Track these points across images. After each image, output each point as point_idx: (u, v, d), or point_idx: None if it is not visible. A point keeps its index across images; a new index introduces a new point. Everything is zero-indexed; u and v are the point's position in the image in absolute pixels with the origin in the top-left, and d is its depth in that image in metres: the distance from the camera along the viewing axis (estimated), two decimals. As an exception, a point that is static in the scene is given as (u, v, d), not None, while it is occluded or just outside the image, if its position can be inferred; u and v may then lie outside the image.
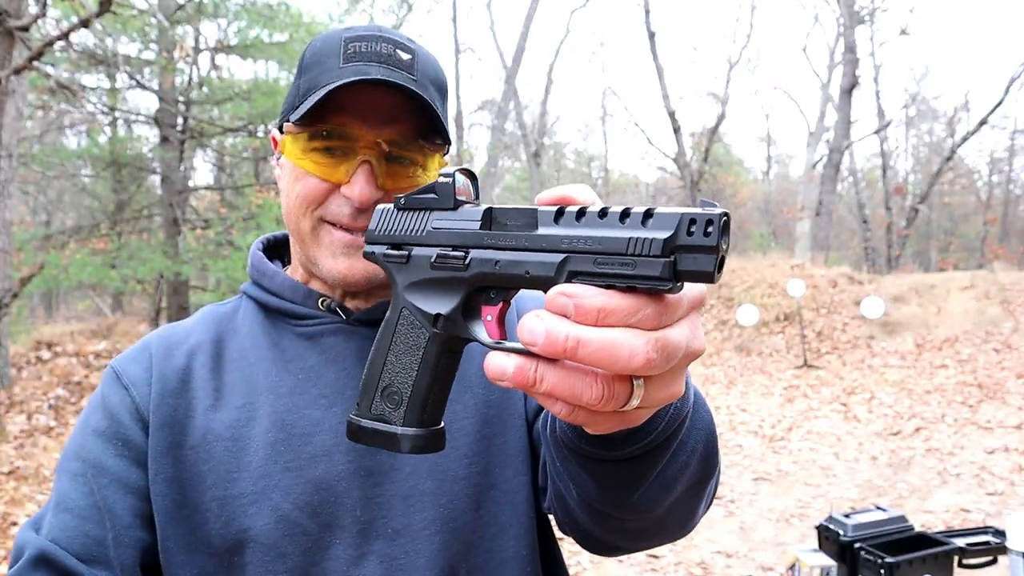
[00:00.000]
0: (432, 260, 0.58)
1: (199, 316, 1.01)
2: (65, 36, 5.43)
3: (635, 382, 0.51)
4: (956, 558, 1.87)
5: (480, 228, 0.56)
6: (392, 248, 0.61)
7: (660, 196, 29.91)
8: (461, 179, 0.60)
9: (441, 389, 0.61)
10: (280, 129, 0.97)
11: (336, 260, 0.90)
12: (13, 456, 6.44)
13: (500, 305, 0.57)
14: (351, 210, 0.88)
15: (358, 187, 0.86)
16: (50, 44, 5.45)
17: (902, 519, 1.99)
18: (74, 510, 0.85)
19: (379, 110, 0.87)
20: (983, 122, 19.74)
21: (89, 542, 0.83)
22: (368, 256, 0.64)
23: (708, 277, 0.47)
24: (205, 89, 12.95)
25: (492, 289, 0.57)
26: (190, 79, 13.08)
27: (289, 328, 0.95)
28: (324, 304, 0.95)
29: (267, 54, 12.81)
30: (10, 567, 0.86)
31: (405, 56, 0.89)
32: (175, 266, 11.42)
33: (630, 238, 0.48)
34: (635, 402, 0.52)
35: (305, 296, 0.95)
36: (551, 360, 0.50)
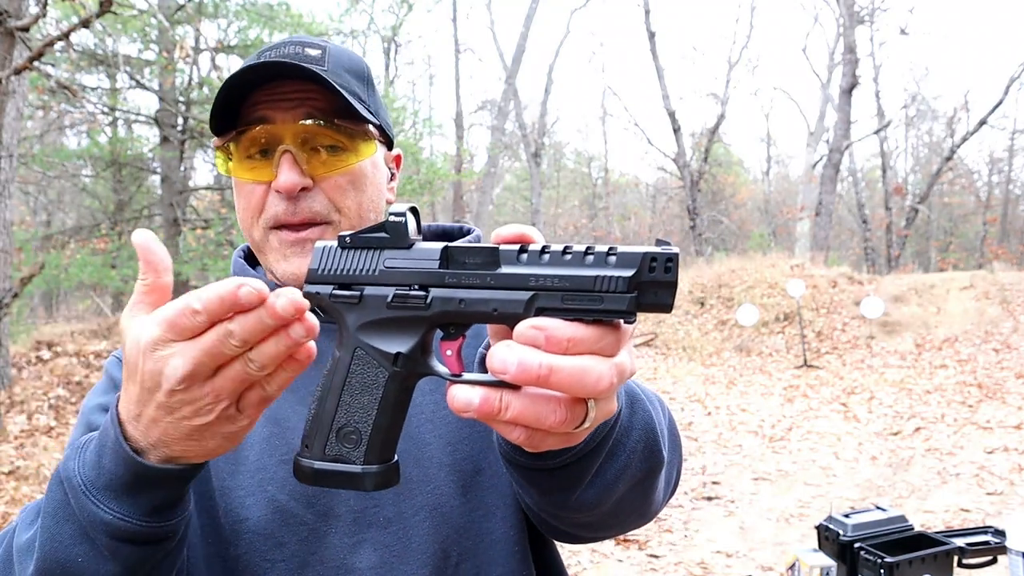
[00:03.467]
0: (389, 300, 0.58)
1: None
2: (65, 36, 5.43)
3: (589, 404, 0.55)
4: (956, 558, 1.87)
5: (439, 267, 0.56)
6: (340, 288, 0.59)
7: (660, 196, 29.91)
8: (411, 218, 0.59)
9: (399, 424, 0.61)
10: None
11: (288, 262, 0.92)
12: (13, 456, 6.45)
13: (459, 339, 0.58)
14: (285, 204, 0.90)
15: (283, 176, 0.88)
16: (50, 44, 5.45)
17: (902, 519, 1.99)
18: None
19: (289, 98, 0.90)
20: (983, 122, 19.76)
21: None
22: (310, 296, 0.61)
23: (667, 308, 0.52)
24: (205, 89, 12.95)
25: (451, 325, 0.58)
26: (190, 79, 13.09)
27: None
28: None
29: (267, 54, 12.79)
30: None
31: (314, 52, 0.92)
32: (175, 266, 11.38)
33: (597, 276, 0.51)
34: (588, 422, 0.56)
35: None
36: (514, 389, 0.54)
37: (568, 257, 0.53)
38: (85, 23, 5.41)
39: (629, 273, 0.51)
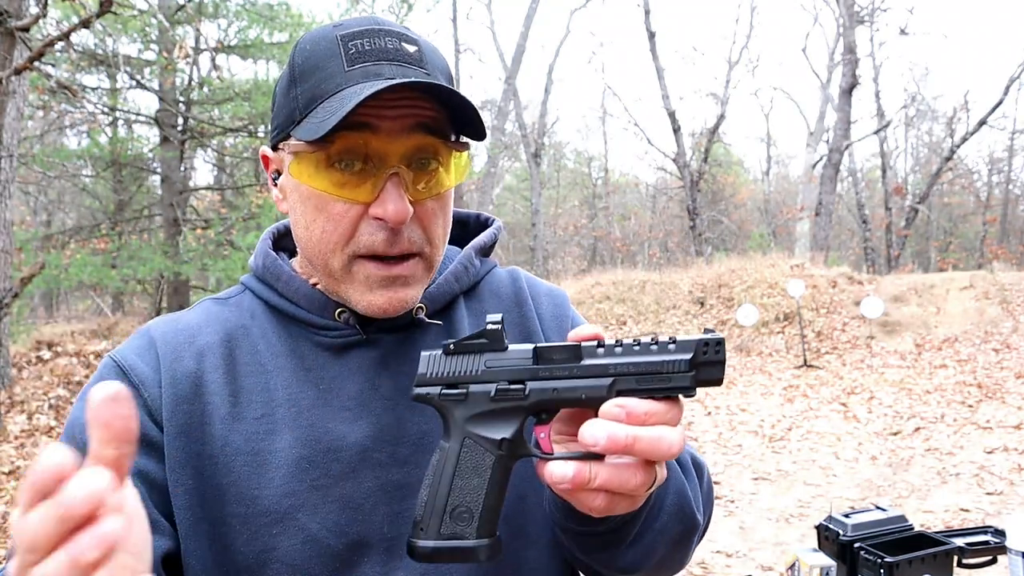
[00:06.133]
0: (491, 394, 0.69)
1: (201, 313, 0.91)
2: (66, 36, 5.43)
3: (657, 467, 0.66)
4: (955, 558, 1.87)
5: (533, 363, 0.68)
6: (447, 388, 0.71)
7: (660, 196, 29.90)
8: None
9: (502, 500, 0.72)
10: (274, 147, 0.85)
11: (374, 295, 0.81)
12: (13, 456, 6.45)
13: (549, 424, 0.70)
14: (386, 234, 0.78)
15: (392, 204, 0.76)
16: (51, 44, 5.45)
17: (902, 519, 1.99)
18: None
19: (401, 114, 0.76)
20: (982, 122, 19.76)
21: None
22: (420, 398, 0.71)
23: (719, 382, 0.65)
24: (205, 89, 12.96)
25: (544, 412, 0.70)
26: (190, 79, 13.10)
27: (307, 336, 0.87)
28: (343, 317, 0.86)
29: (267, 54, 12.82)
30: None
31: (411, 48, 0.79)
32: (175, 266, 11.43)
33: (664, 360, 0.65)
34: (656, 483, 0.66)
35: (323, 307, 0.87)
36: (599, 460, 0.64)
37: (637, 348, 0.66)
38: (85, 23, 5.41)
39: (688, 356, 0.64)
